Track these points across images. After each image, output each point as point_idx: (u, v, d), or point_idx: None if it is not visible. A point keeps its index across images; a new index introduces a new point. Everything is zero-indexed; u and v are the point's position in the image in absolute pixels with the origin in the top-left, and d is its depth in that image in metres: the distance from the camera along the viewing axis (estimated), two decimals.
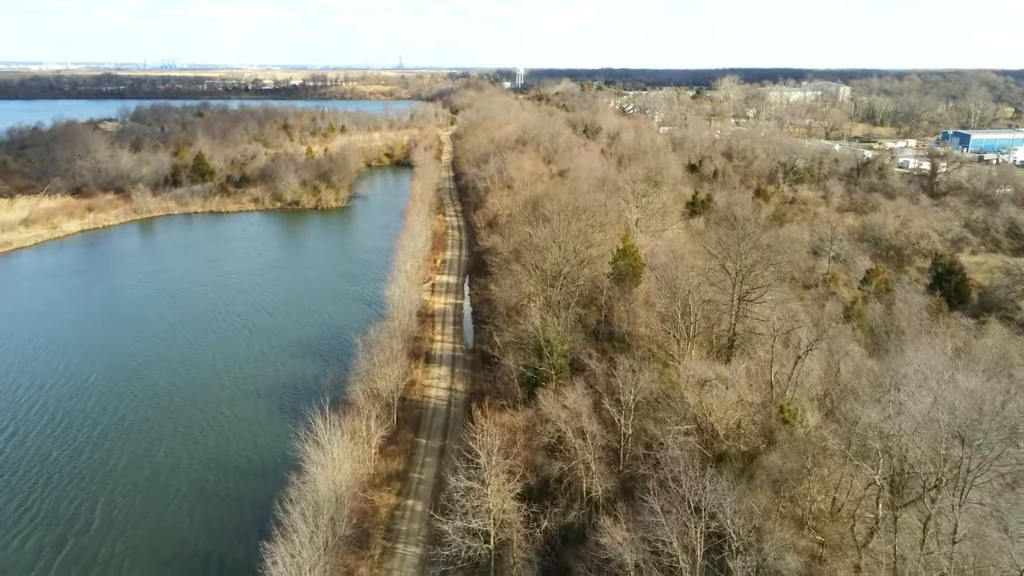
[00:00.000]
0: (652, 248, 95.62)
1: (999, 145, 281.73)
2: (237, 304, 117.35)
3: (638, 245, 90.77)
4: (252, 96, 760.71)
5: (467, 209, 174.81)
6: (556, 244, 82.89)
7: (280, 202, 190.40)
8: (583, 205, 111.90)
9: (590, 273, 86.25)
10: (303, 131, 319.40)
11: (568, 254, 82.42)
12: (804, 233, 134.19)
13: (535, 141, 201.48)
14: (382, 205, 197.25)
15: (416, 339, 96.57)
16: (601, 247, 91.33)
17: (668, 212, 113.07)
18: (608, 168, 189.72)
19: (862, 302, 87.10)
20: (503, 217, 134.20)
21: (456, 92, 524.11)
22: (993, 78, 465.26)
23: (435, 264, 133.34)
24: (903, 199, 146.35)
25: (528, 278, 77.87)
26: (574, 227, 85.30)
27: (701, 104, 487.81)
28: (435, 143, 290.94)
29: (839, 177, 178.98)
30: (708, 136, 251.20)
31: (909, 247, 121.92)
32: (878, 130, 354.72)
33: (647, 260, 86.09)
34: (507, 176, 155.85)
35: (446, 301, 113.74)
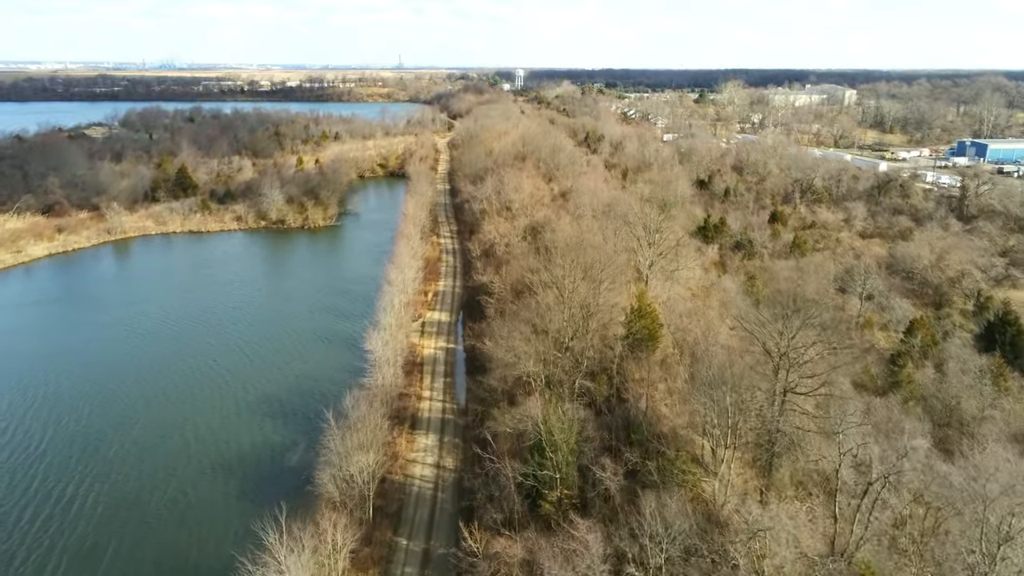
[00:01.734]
0: (669, 297, 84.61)
1: (1017, 155, 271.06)
2: (213, 346, 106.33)
3: (653, 298, 79.93)
4: (248, 98, 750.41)
5: (462, 230, 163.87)
6: (561, 306, 71.62)
7: (264, 220, 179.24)
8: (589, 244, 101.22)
9: (598, 326, 75.38)
10: (295, 139, 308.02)
11: (574, 311, 71.40)
12: (827, 263, 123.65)
13: (535, 155, 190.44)
14: (373, 223, 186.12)
15: (401, 395, 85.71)
16: (610, 291, 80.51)
17: (682, 245, 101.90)
18: (613, 187, 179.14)
19: (911, 365, 76.07)
20: (500, 247, 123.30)
21: (454, 96, 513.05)
22: (1005, 82, 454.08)
23: (426, 298, 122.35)
24: (933, 224, 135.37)
25: (527, 346, 66.59)
26: (581, 287, 74.06)
27: (705, 108, 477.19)
28: (431, 153, 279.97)
29: (858, 196, 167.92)
30: (716, 146, 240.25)
31: (946, 283, 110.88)
32: (888, 137, 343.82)
33: (665, 317, 75.16)
34: (505, 198, 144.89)
35: (437, 345, 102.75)
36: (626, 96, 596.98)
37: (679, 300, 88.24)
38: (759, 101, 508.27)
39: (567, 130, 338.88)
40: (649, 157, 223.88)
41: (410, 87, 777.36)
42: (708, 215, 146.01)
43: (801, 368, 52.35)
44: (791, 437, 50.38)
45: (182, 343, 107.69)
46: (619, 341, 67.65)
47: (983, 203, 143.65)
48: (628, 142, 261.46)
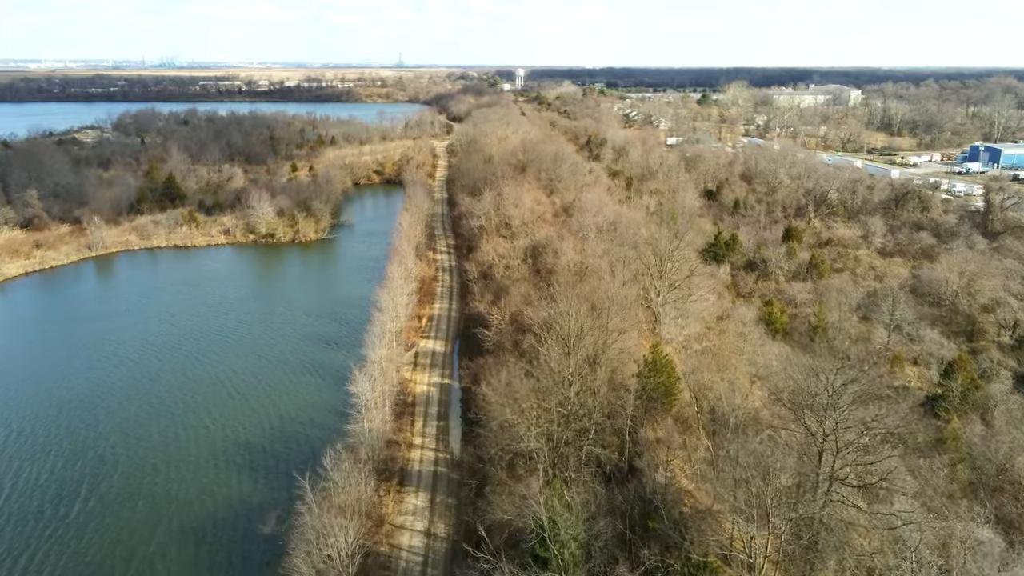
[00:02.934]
0: (685, 338, 77.01)
1: None
2: (194, 380, 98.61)
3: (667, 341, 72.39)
4: (246, 99, 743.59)
5: (460, 244, 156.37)
6: (565, 359, 63.83)
7: (253, 234, 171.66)
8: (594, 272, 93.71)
9: (606, 375, 67.85)
10: (289, 144, 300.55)
11: (580, 365, 63.79)
12: (847, 285, 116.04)
13: (536, 164, 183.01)
14: (368, 235, 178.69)
15: (390, 443, 78.27)
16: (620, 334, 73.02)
17: (695, 273, 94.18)
18: (617, 196, 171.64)
19: (955, 417, 68.50)
20: (499, 269, 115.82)
21: (454, 97, 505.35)
22: (1015, 83, 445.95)
23: (420, 323, 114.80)
24: (958, 242, 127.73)
25: (528, 418, 58.82)
26: (588, 338, 66.34)
27: (708, 110, 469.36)
28: (428, 159, 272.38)
29: (875, 208, 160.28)
30: (723, 153, 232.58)
31: (978, 309, 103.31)
32: (897, 141, 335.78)
33: (682, 364, 67.60)
34: (504, 213, 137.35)
35: (430, 381, 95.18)
36: (628, 97, 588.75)
37: (694, 340, 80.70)
38: (763, 102, 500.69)
39: (568, 134, 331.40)
40: (654, 164, 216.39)
41: (409, 87, 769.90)
42: (719, 231, 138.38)
43: (851, 452, 44.61)
44: (839, 535, 42.77)
45: (161, 376, 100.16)
46: (631, 396, 59.97)
47: (1008, 218, 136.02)
48: (632, 148, 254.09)
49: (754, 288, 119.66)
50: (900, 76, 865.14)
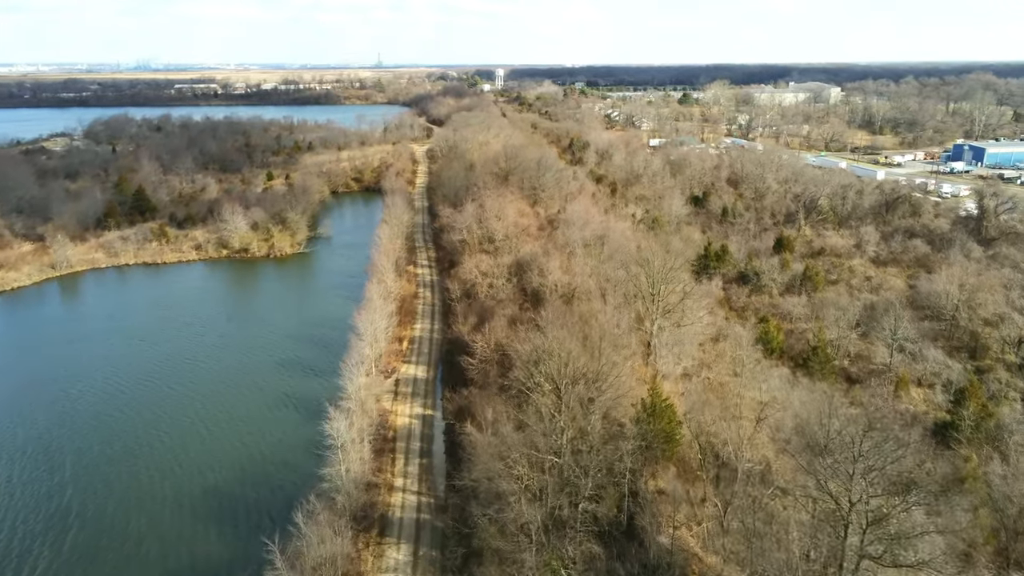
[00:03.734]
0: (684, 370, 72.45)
1: (1016, 159, 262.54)
2: (161, 416, 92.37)
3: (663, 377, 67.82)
4: (222, 102, 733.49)
5: (441, 257, 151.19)
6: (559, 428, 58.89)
7: (226, 249, 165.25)
8: (583, 292, 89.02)
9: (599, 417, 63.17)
10: (265, 151, 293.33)
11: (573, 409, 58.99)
12: (843, 298, 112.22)
13: (518, 171, 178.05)
14: (346, 247, 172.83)
15: (369, 486, 72.96)
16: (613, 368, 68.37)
17: (688, 294, 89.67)
18: (603, 203, 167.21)
19: (972, 454, 64.50)
20: (482, 288, 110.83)
21: (434, 100, 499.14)
22: (994, 80, 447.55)
23: (401, 347, 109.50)
24: (953, 250, 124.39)
25: (516, 484, 53.76)
26: (580, 384, 61.48)
27: (689, 109, 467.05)
28: (408, 166, 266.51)
29: (865, 214, 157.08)
30: (708, 155, 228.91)
31: (980, 323, 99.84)
32: (880, 139, 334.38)
33: (681, 403, 63.03)
34: (487, 227, 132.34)
35: (412, 412, 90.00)
36: (609, 96, 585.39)
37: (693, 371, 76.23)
38: (745, 101, 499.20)
39: (550, 136, 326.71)
40: (638, 168, 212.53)
41: (388, 89, 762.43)
42: (708, 241, 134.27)
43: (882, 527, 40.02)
44: None
45: (128, 411, 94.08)
46: (628, 442, 55.15)
47: (1003, 224, 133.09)
48: (615, 151, 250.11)
49: (747, 302, 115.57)
50: (878, 71, 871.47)
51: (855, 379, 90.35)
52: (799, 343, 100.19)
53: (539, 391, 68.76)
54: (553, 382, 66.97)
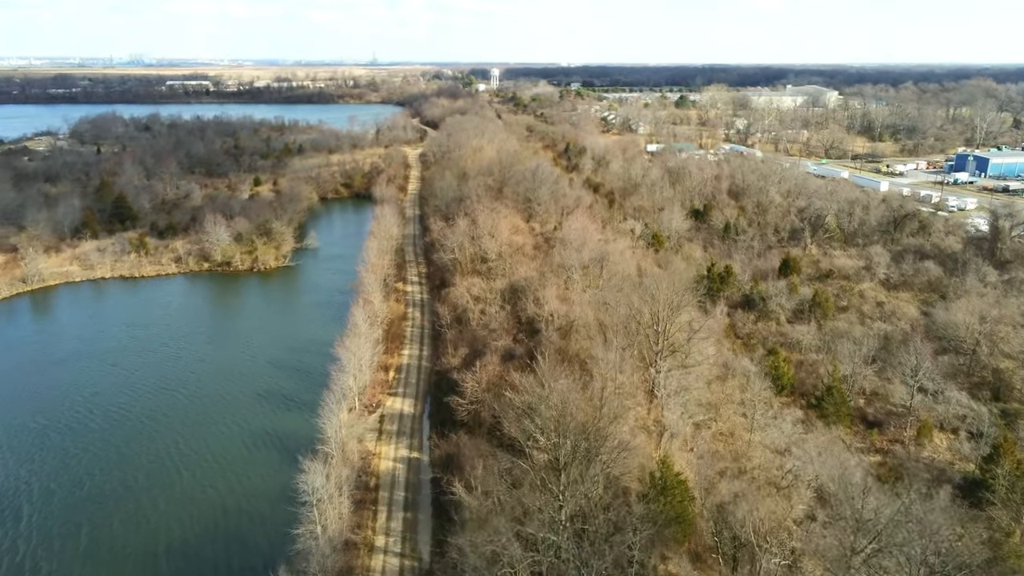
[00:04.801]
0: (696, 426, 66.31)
1: (1020, 169, 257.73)
2: (132, 455, 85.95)
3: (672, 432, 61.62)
4: (213, 100, 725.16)
5: (432, 274, 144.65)
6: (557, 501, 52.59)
7: (208, 262, 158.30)
8: (583, 326, 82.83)
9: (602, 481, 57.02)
10: (253, 154, 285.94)
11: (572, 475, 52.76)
12: (855, 328, 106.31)
13: (513, 182, 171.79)
14: (334, 259, 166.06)
15: (347, 545, 66.61)
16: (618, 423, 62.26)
17: (696, 329, 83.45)
18: (600, 217, 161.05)
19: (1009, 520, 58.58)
20: (474, 314, 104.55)
21: (428, 100, 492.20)
22: (994, 86, 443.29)
23: (387, 376, 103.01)
24: (968, 275, 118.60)
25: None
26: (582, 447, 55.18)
27: (686, 112, 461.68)
28: (400, 170, 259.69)
29: (872, 231, 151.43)
30: (707, 164, 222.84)
31: (1001, 359, 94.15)
32: (880, 146, 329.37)
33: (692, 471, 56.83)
34: (479, 245, 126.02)
35: (397, 454, 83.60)
36: (605, 97, 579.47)
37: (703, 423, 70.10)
38: (742, 105, 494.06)
39: (545, 140, 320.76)
40: (636, 176, 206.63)
41: (382, 88, 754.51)
42: (711, 262, 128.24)
43: None
44: None
45: (94, 449, 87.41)
46: (637, 535, 48.87)
47: (1018, 247, 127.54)
48: (612, 158, 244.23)
49: (753, 330, 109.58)
50: (873, 74, 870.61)
51: (872, 421, 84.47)
52: (810, 377, 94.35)
53: (534, 445, 62.77)
54: (549, 437, 60.99)
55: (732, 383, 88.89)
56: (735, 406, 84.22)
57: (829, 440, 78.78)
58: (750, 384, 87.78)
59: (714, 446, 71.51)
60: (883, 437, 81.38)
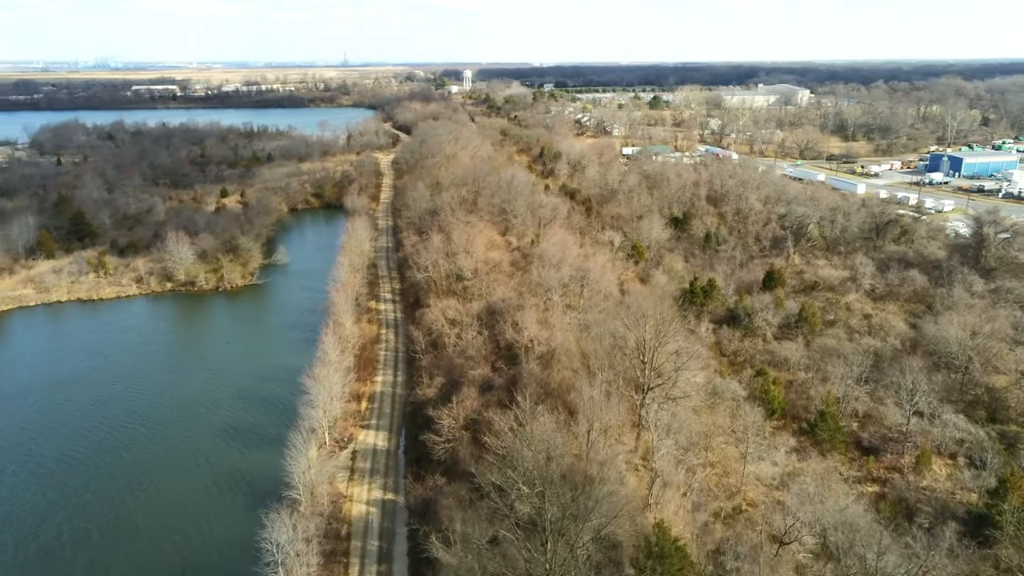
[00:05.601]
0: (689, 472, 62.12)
1: (993, 168, 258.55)
2: (81, 506, 79.99)
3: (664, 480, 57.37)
4: (180, 105, 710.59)
5: (406, 290, 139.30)
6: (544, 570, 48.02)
7: (171, 282, 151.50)
8: (566, 356, 78.47)
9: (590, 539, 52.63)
10: (221, 164, 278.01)
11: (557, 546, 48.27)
12: (843, 343, 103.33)
13: (488, 192, 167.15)
14: (304, 276, 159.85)
15: None
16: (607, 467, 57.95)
17: (683, 356, 79.33)
18: (578, 227, 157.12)
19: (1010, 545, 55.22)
20: (450, 338, 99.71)
21: (400, 104, 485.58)
22: (964, 84, 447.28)
23: (359, 407, 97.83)
24: (955, 285, 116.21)
25: None
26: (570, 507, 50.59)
27: (660, 112, 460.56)
28: (372, 179, 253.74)
29: (854, 238, 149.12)
30: (684, 169, 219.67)
31: (994, 374, 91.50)
32: (854, 146, 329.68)
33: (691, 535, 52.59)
34: (454, 262, 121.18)
35: (370, 496, 78.53)
36: (579, 98, 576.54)
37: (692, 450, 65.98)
38: (715, 105, 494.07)
39: (520, 144, 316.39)
40: (613, 182, 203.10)
41: (354, 91, 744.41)
42: (694, 276, 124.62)
43: None
44: None
45: (45, 499, 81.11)
46: None
47: (1005, 255, 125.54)
48: (588, 163, 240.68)
49: (740, 348, 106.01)
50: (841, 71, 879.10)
51: (868, 447, 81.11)
52: (801, 399, 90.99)
53: (517, 494, 58.28)
54: (532, 486, 56.60)
55: (722, 409, 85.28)
56: (725, 435, 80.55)
57: (825, 470, 75.61)
58: (740, 410, 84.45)
59: (707, 483, 67.53)
60: (880, 464, 78.03)
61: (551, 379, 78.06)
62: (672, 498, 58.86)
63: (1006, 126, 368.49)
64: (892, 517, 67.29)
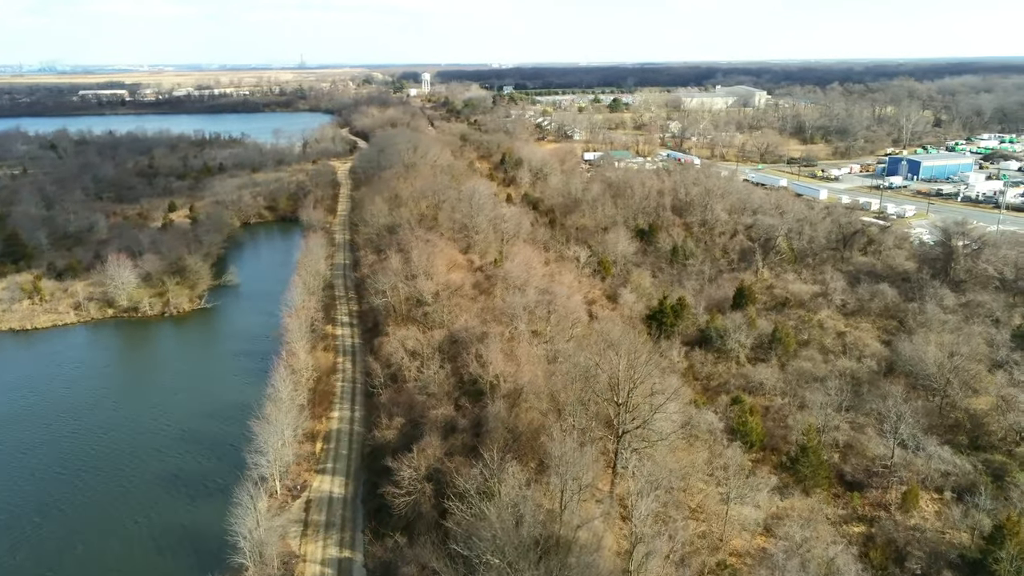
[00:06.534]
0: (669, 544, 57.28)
1: (949, 171, 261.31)
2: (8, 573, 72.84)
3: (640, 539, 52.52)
4: (130, 111, 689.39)
5: (364, 313, 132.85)
6: None
7: (112, 308, 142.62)
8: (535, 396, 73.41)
9: None
10: (170, 175, 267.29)
11: None
12: (819, 366, 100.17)
13: (449, 206, 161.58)
14: (257, 297, 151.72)
15: None
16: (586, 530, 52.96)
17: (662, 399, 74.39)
18: (542, 241, 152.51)
19: None
20: (410, 372, 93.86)
21: (358, 109, 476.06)
22: (917, 86, 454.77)
23: (314, 449, 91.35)
24: (926, 298, 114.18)
25: None
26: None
27: (621, 115, 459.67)
28: (329, 191, 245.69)
29: (822, 248, 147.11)
30: (648, 176, 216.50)
31: (973, 397, 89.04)
32: (814, 149, 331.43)
33: None
34: (414, 286, 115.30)
35: (325, 555, 72.23)
36: (539, 101, 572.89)
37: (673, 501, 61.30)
38: (675, 107, 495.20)
39: (480, 149, 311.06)
40: (576, 191, 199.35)
41: (311, 96, 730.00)
42: (664, 294, 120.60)
43: None
44: None
45: None
46: None
47: (974, 268, 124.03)
48: (550, 170, 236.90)
49: (713, 372, 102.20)
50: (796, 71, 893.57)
51: (852, 481, 77.55)
52: (778, 427, 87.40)
53: (484, 566, 52.95)
54: (503, 555, 51.38)
55: (699, 444, 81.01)
56: (705, 473, 76.28)
57: (810, 511, 71.84)
58: (718, 444, 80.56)
59: (689, 534, 63.04)
60: (865, 500, 74.52)
61: (519, 422, 72.91)
62: (655, 565, 54.15)
63: (958, 127, 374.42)
64: (882, 565, 63.69)
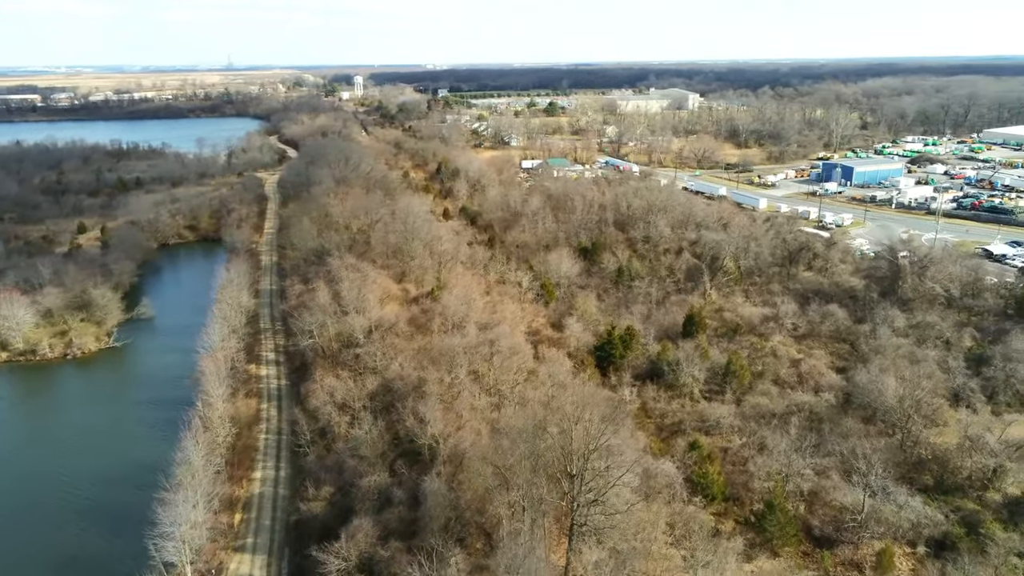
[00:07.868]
0: None
1: (881, 176, 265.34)
2: None
3: None
4: (42, 117, 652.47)
5: (291, 350, 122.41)
6: None
7: (6, 352, 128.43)
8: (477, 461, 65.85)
9: None
10: (81, 191, 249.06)
11: None
12: (775, 400, 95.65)
13: (382, 227, 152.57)
14: (172, 336, 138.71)
15: None
16: None
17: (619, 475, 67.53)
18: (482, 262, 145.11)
19: None
20: (340, 428, 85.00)
21: (288, 116, 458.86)
22: (843, 89, 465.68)
23: (232, 519, 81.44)
24: (876, 320, 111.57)
25: None
26: None
27: (557, 119, 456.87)
28: (255, 206, 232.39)
29: (768, 265, 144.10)
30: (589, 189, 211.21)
31: (936, 432, 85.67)
32: (749, 153, 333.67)
33: None
34: (344, 323, 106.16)
35: None
36: (474, 104, 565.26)
37: None
38: (610, 110, 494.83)
39: (416, 158, 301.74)
40: (515, 204, 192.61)
41: (238, 101, 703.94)
42: (612, 324, 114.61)
43: None
44: None
45: None
46: None
47: (922, 286, 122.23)
48: (488, 181, 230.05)
49: (666, 409, 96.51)
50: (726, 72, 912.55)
51: (820, 536, 72.57)
52: (739, 474, 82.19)
53: None
54: None
55: (658, 500, 74.73)
56: (665, 534, 70.08)
57: None
58: (677, 500, 74.63)
59: None
60: (836, 559, 69.56)
61: (462, 493, 65.16)
62: None
63: (884, 130, 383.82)
64: None
